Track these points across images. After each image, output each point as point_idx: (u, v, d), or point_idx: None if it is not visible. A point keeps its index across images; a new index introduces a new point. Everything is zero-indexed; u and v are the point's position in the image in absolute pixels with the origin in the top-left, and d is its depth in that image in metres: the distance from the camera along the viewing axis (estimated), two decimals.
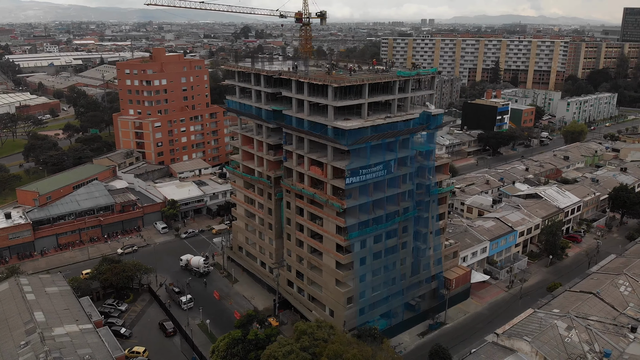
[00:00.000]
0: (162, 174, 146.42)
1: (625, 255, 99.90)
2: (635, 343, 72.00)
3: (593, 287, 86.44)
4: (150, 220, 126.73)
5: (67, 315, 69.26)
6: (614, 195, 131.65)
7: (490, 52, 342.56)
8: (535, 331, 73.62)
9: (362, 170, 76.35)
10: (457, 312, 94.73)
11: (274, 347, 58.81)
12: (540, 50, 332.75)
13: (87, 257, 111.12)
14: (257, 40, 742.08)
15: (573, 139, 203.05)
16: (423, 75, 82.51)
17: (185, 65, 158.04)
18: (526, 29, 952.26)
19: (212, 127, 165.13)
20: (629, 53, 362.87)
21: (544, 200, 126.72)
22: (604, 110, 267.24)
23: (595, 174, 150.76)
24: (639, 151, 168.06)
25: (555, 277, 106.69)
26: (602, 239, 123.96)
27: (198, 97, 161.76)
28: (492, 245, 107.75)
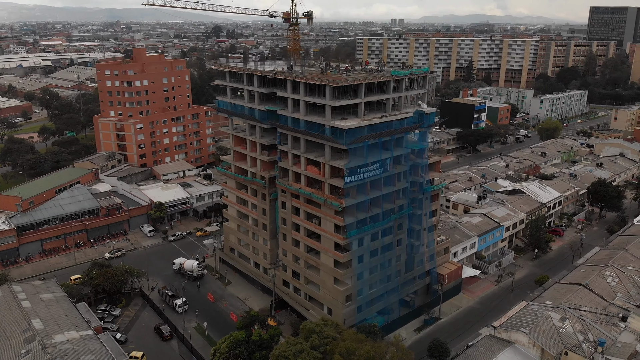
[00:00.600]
0: (145, 176, 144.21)
1: (609, 247, 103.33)
2: (627, 331, 74.70)
3: (582, 279, 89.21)
4: (136, 223, 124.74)
5: (65, 322, 67.84)
6: (592, 189, 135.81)
7: (463, 52, 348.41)
8: (531, 323, 75.62)
9: (360, 169, 77.02)
10: (450, 307, 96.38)
11: (283, 346, 58.88)
12: (512, 49, 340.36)
13: (74, 263, 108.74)
14: (228, 40, 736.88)
15: (548, 136, 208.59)
16: (416, 74, 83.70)
17: (166, 65, 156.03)
18: (494, 28, 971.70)
19: (194, 128, 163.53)
20: (597, 51, 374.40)
21: (526, 196, 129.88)
22: (575, 107, 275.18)
23: (572, 170, 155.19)
24: (613, 147, 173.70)
25: (542, 270, 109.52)
26: (581, 232, 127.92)
27: (179, 97, 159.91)
28: (480, 241, 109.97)
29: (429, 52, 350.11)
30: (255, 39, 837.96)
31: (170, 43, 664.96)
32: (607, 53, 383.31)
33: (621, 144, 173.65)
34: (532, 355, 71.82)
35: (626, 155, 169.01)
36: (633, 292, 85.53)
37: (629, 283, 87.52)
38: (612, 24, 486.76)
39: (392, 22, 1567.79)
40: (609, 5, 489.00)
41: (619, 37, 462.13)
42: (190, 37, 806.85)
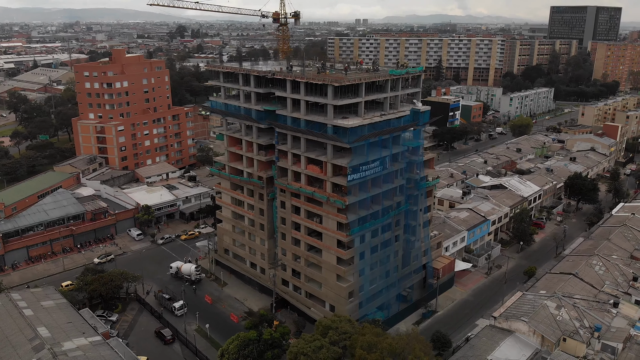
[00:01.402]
0: (127, 179, 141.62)
1: (592, 237, 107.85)
2: (619, 317, 78.26)
3: (571, 269, 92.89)
4: (123, 227, 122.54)
5: (72, 329, 66.43)
6: (569, 183, 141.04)
7: (432, 51, 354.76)
8: (529, 312, 78.29)
9: (361, 167, 78.17)
10: (445, 299, 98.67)
11: (301, 344, 59.35)
12: (479, 48, 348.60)
13: (63, 269, 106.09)
14: (194, 40, 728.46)
15: (520, 132, 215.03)
16: (412, 73, 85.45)
17: (146, 66, 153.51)
18: (456, 28, 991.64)
19: (175, 130, 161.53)
20: (560, 49, 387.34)
21: (508, 191, 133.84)
22: (543, 104, 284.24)
23: (549, 164, 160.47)
24: (584, 142, 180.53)
25: (528, 261, 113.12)
26: (563, 224, 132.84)
27: (159, 98, 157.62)
28: (469, 235, 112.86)
29: (399, 52, 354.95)
30: (221, 38, 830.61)
31: (135, 43, 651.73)
32: (570, 51, 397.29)
33: (592, 139, 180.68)
34: (533, 343, 74.44)
35: (597, 150, 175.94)
36: (620, 279, 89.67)
37: (616, 271, 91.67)
38: (572, 23, 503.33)
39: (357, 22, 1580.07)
40: (569, 5, 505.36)
41: (579, 35, 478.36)
42: (154, 37, 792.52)
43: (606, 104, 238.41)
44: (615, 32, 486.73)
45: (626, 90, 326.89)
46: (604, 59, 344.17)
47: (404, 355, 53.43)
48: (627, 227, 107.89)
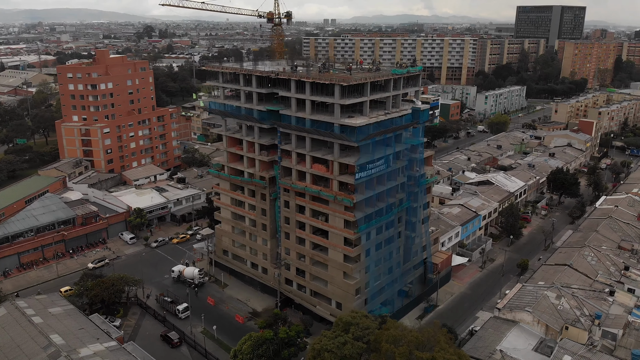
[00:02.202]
0: (115, 183, 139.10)
1: (581, 229, 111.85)
2: (615, 305, 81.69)
3: (565, 260, 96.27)
4: (114, 231, 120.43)
5: (85, 335, 65.32)
6: (552, 177, 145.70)
7: (406, 51, 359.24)
8: (531, 302, 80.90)
9: (368, 165, 79.26)
10: (445, 294, 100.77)
11: (324, 340, 59.92)
12: (452, 48, 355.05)
13: (56, 275, 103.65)
14: (162, 40, 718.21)
15: (498, 130, 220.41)
16: (412, 72, 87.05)
17: (130, 67, 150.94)
18: (423, 27, 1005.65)
19: (160, 131, 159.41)
20: (529, 48, 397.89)
21: (495, 186, 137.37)
22: (516, 102, 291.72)
23: (530, 160, 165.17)
24: (561, 138, 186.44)
25: (518, 254, 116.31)
26: (551, 218, 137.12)
27: (144, 100, 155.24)
28: (462, 230, 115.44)
29: (374, 52, 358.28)
30: (189, 38, 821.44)
31: (102, 44, 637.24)
32: (538, 50, 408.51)
33: (568, 135, 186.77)
34: (537, 332, 76.97)
35: (573, 145, 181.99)
36: (612, 269, 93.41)
37: (607, 261, 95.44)
38: (538, 22, 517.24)
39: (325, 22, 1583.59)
40: (534, 5, 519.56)
41: (544, 34, 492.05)
42: (121, 38, 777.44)
43: (578, 100, 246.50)
44: (579, 31, 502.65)
45: (595, 87, 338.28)
46: (571, 57, 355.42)
47: (430, 347, 54.70)
48: (612, 219, 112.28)
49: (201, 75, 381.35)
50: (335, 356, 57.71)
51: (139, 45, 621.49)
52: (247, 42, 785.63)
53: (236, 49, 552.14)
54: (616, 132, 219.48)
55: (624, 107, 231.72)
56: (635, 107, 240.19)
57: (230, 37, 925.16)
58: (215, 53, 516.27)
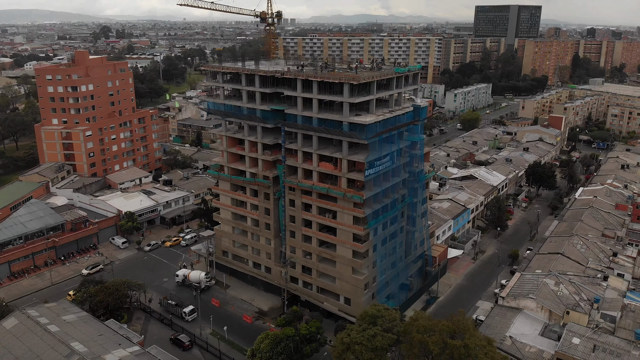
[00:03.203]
0: (99, 187, 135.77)
1: (565, 219, 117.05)
2: (610, 289, 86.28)
3: (556, 249, 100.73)
4: (105, 236, 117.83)
5: (106, 341, 64.21)
6: (530, 171, 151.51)
7: (374, 50, 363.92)
8: (533, 290, 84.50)
9: (376, 162, 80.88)
10: (443, 286, 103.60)
11: (353, 333, 61.02)
12: (418, 47, 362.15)
13: (50, 283, 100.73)
14: (120, 40, 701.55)
15: (470, 126, 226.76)
16: (412, 71, 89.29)
17: (110, 68, 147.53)
18: (382, 27, 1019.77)
19: (141, 133, 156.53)
20: (490, 47, 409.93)
21: (479, 181, 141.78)
22: (483, 99, 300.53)
23: (508, 155, 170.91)
24: (532, 133, 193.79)
25: (506, 245, 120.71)
26: (529, 209, 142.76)
27: (124, 101, 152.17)
28: (454, 223, 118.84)
29: (342, 52, 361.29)
30: (148, 38, 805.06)
31: (58, 45, 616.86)
32: (499, 49, 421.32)
33: (539, 130, 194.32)
34: (541, 318, 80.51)
35: (545, 140, 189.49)
36: (601, 256, 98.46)
37: (595, 249, 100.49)
38: (496, 22, 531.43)
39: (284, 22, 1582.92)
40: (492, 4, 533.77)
41: (502, 33, 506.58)
42: (76, 39, 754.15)
43: (543, 97, 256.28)
44: (536, 30, 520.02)
45: (557, 84, 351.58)
46: (532, 55, 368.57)
47: (460, 335, 56.72)
48: (594, 209, 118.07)
49: (167, 76, 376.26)
50: (366, 348, 58.97)
51: (97, 46, 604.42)
52: (208, 42, 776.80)
53: (200, 49, 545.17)
54: (581, 127, 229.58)
55: (587, 102, 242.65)
56: (597, 102, 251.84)
57: (189, 37, 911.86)
58: (178, 53, 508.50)
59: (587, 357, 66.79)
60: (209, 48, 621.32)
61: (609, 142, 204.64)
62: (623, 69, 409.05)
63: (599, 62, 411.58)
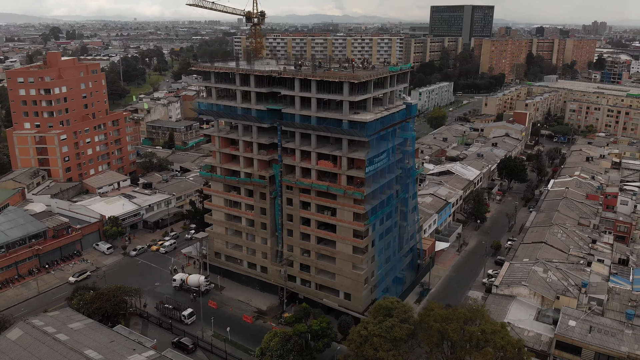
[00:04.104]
0: (76, 191, 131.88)
1: (543, 210, 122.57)
2: (593, 274, 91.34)
3: (539, 238, 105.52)
4: (88, 242, 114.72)
5: (119, 347, 63.20)
6: (503, 165, 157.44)
7: (337, 50, 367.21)
8: (524, 278, 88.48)
9: (375, 159, 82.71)
10: (433, 277, 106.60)
11: (369, 326, 62.42)
12: (380, 47, 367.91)
13: (37, 292, 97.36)
14: (71, 42, 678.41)
15: (437, 124, 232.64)
16: (404, 70, 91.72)
17: (82, 70, 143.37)
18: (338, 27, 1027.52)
19: (115, 136, 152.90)
20: (449, 46, 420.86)
21: (456, 176, 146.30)
22: (445, 97, 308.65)
23: (479, 150, 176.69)
24: (499, 129, 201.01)
25: (487, 237, 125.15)
26: (503, 202, 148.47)
27: (97, 103, 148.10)
28: (438, 217, 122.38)
29: (307, 51, 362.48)
30: (100, 39, 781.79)
31: (7, 47, 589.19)
32: (457, 48, 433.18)
33: (505, 126, 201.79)
34: (534, 303, 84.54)
35: (511, 135, 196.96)
36: (581, 243, 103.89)
37: (575, 237, 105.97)
38: (451, 22, 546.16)
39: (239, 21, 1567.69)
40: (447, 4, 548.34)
41: (457, 33, 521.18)
42: (25, 40, 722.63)
43: (504, 94, 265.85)
44: (489, 29, 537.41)
45: (516, 81, 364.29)
46: (489, 53, 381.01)
47: (476, 322, 59.18)
48: (568, 200, 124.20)
49: (127, 77, 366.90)
50: (385, 340, 60.58)
51: (47, 48, 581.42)
52: (163, 42, 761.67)
53: (157, 49, 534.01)
54: (542, 122, 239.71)
55: (547, 98, 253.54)
56: (555, 98, 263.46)
57: (143, 37, 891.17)
58: (135, 54, 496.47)
59: (584, 338, 70.81)
60: (165, 48, 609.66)
61: (570, 136, 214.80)
62: (574, 66, 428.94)
63: (551, 59, 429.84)
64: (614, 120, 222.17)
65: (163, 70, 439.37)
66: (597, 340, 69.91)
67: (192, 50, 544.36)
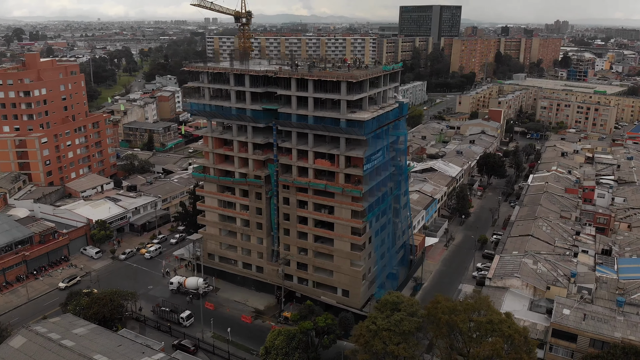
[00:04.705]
0: (59, 196, 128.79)
1: (525, 204, 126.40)
2: (580, 265, 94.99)
3: (525, 231, 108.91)
4: (75, 247, 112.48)
5: (128, 351, 62.63)
6: (482, 161, 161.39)
7: (311, 50, 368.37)
8: (515, 270, 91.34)
9: (372, 157, 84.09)
10: (424, 272, 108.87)
11: (378, 320, 63.56)
12: (354, 46, 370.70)
13: (27, 299, 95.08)
14: (34, 43, 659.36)
15: (414, 123, 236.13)
16: (396, 69, 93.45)
17: (61, 71, 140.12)
18: (307, 27, 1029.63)
19: (96, 138, 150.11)
20: (420, 46, 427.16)
21: (439, 172, 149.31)
22: (419, 96, 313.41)
23: (457, 147, 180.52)
24: (475, 126, 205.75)
25: (472, 231, 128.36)
26: (483, 197, 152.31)
27: (77, 105, 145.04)
28: (425, 213, 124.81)
29: (280, 51, 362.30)
30: (65, 40, 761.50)
31: None
32: (427, 47, 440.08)
33: (481, 123, 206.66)
34: (526, 294, 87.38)
35: (487, 132, 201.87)
36: (565, 235, 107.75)
37: (559, 229, 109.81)
38: (419, 21, 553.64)
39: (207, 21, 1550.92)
40: (416, 5, 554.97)
41: (426, 33, 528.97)
42: None
43: (477, 92, 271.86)
44: (457, 29, 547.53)
45: (487, 80, 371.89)
46: (459, 53, 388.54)
47: (481, 312, 61.09)
48: (549, 194, 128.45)
49: (97, 79, 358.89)
50: (394, 333, 61.89)
51: (11, 49, 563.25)
52: (130, 43, 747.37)
53: (126, 50, 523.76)
54: (514, 119, 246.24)
55: (518, 96, 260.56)
56: (526, 96, 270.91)
57: (109, 37, 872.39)
58: (103, 55, 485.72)
59: (579, 325, 73.72)
60: (134, 49, 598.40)
61: (542, 133, 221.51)
62: (540, 64, 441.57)
63: (518, 58, 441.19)
64: (584, 116, 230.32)
65: (133, 71, 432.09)
66: (591, 327, 72.90)
67: (162, 50, 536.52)
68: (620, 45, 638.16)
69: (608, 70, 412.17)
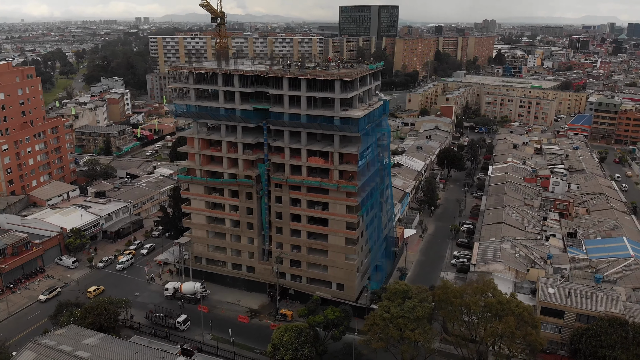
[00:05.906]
0: (24, 205, 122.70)
1: (491, 194, 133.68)
2: (552, 247, 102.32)
3: (497, 219, 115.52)
4: (49, 257, 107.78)
5: (148, 358, 61.91)
6: (443, 155, 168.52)
7: (258, 50, 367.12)
8: (496, 255, 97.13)
9: (364, 153, 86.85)
10: (407, 263, 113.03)
11: (392, 309, 66.28)
12: (301, 46, 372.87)
13: (8, 314, 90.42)
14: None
15: None
16: (379, 68, 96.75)
17: (18, 75, 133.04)
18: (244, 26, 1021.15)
19: (55, 144, 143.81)
20: (364, 45, 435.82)
21: (405, 167, 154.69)
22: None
23: (417, 143, 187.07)
24: (429, 122, 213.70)
25: (442, 222, 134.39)
26: (446, 189, 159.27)
27: (35, 110, 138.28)
28: (400, 206, 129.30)
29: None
30: None
31: None
32: (370, 47, 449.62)
33: (435, 120, 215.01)
34: (509, 278, 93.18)
35: (440, 128, 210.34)
36: (533, 221, 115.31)
37: (527, 216, 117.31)
38: (359, 21, 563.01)
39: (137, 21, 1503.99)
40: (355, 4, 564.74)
41: (366, 32, 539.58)
42: None
43: (425, 90, 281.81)
44: (395, 29, 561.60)
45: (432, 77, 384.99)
46: (402, 52, 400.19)
47: (485, 294, 65.31)
48: (511, 184, 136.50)
49: None
50: (408, 320, 64.84)
51: None
52: (61, 44, 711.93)
53: (59, 52, 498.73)
54: (461, 115, 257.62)
55: (463, 92, 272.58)
56: (470, 92, 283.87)
57: (36, 39, 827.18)
58: (35, 57, 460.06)
59: (565, 302, 79.92)
60: (66, 50, 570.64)
61: (490, 127, 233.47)
62: (476, 62, 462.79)
63: (456, 56, 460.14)
64: (526, 110, 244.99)
65: (70, 74, 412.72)
66: (576, 303, 79.20)
67: (97, 51, 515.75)
68: (548, 42, 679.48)
69: (540, 66, 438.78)
